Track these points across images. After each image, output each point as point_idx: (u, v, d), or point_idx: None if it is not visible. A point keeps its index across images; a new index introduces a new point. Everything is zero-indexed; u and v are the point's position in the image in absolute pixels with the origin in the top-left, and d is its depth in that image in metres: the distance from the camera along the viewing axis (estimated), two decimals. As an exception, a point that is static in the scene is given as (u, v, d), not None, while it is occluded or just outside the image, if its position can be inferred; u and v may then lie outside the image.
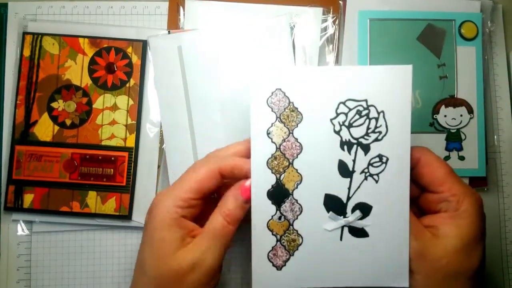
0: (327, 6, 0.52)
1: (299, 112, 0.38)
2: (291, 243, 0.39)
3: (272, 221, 0.39)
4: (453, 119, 0.51)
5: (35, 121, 0.50)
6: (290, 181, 0.39)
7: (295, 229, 0.39)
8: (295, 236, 0.39)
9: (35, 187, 0.50)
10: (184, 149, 0.50)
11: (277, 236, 0.39)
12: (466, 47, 0.51)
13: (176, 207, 0.37)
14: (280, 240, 0.39)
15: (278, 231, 0.39)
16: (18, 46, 0.51)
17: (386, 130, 0.38)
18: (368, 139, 0.38)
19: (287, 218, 0.39)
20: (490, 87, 0.53)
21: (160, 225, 0.37)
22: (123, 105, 0.51)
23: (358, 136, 0.38)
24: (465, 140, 0.51)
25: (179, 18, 0.52)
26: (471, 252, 0.37)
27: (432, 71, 0.51)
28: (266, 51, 0.50)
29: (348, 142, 0.38)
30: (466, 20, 0.51)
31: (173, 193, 0.38)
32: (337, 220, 0.38)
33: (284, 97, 0.38)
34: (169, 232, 0.37)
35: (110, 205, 0.50)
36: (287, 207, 0.39)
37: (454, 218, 0.37)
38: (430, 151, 0.40)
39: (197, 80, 0.50)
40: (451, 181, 0.38)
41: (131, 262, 0.51)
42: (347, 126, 0.38)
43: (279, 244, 0.39)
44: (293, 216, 0.39)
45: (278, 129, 0.38)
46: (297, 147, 0.39)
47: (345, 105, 0.38)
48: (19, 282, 0.50)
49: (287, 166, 0.39)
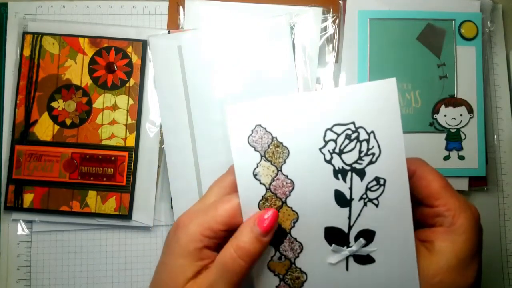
0: (327, 6, 0.52)
1: (284, 146, 0.36)
2: (295, 280, 0.37)
3: (273, 262, 0.37)
4: (453, 119, 0.51)
5: (35, 121, 0.50)
6: (286, 220, 0.36)
7: (298, 266, 0.37)
8: (298, 273, 0.37)
9: (35, 186, 0.50)
10: (184, 149, 0.50)
11: (279, 275, 0.37)
12: (466, 47, 0.51)
13: (203, 236, 0.35)
14: (284, 279, 0.37)
15: (280, 271, 0.37)
16: (18, 45, 0.51)
17: (379, 151, 0.36)
18: (362, 163, 0.36)
19: (287, 257, 0.37)
20: (490, 87, 0.53)
21: (181, 252, 0.35)
22: (123, 105, 0.51)
23: (351, 162, 0.36)
24: (465, 139, 0.51)
25: (179, 17, 0.52)
26: (465, 269, 0.36)
27: (432, 71, 0.51)
28: (266, 51, 0.50)
29: (341, 170, 0.36)
30: (466, 20, 0.51)
31: (202, 220, 0.35)
32: (341, 252, 0.37)
33: (266, 133, 0.36)
34: (187, 261, 0.34)
35: (110, 204, 0.50)
36: (286, 247, 0.37)
37: (449, 233, 0.36)
38: (426, 163, 0.38)
39: (197, 79, 0.50)
40: (447, 195, 0.37)
41: (131, 261, 0.51)
42: (338, 153, 0.36)
43: (283, 284, 0.37)
44: (294, 255, 0.37)
45: (265, 168, 0.36)
46: (288, 184, 0.36)
47: (332, 131, 0.35)
48: (19, 282, 0.50)
49: (281, 206, 0.36)
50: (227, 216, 0.35)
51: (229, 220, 0.35)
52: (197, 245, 0.35)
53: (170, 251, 0.35)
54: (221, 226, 0.35)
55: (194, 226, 0.35)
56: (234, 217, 0.36)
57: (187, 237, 0.35)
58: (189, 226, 0.35)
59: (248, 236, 0.34)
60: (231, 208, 0.36)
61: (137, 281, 0.51)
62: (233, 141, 0.36)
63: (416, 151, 0.50)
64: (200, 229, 0.35)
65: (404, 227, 0.36)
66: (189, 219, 0.36)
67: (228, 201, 0.36)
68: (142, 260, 0.51)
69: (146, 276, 0.51)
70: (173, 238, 0.36)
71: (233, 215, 0.36)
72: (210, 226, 0.35)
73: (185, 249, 0.35)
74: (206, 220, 0.35)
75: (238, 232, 0.35)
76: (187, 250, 0.34)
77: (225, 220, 0.35)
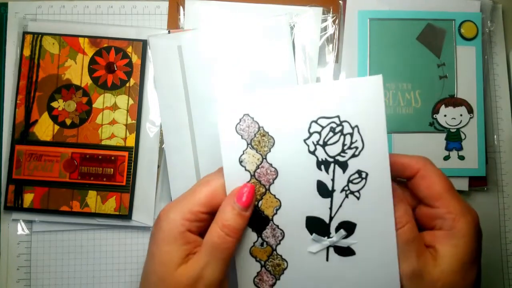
0: (327, 5, 0.52)
1: (270, 136, 0.37)
2: (276, 267, 0.38)
3: (255, 248, 0.38)
4: (453, 119, 0.51)
5: (35, 121, 0.50)
6: (269, 207, 0.38)
7: (279, 254, 0.38)
8: (279, 261, 0.38)
9: (35, 186, 0.50)
10: (184, 149, 0.50)
11: (261, 262, 0.38)
12: (466, 47, 0.51)
13: (184, 219, 0.36)
14: (265, 265, 0.38)
15: (262, 257, 0.38)
16: (18, 45, 0.51)
17: (363, 145, 0.36)
18: (345, 156, 0.37)
19: (269, 244, 0.38)
20: (490, 87, 0.53)
21: (165, 239, 0.36)
22: (123, 105, 0.51)
23: (334, 154, 0.37)
24: (465, 139, 0.51)
25: (179, 17, 0.52)
26: (466, 273, 0.36)
27: (432, 71, 0.51)
28: (266, 51, 0.50)
29: (324, 162, 0.37)
30: (466, 20, 0.52)
31: (182, 205, 0.37)
32: (321, 241, 0.37)
33: (253, 122, 0.37)
34: (173, 247, 0.36)
35: (110, 204, 0.50)
36: (268, 233, 0.38)
37: (449, 237, 0.36)
38: (431, 162, 0.38)
39: (197, 79, 0.50)
40: (449, 197, 0.37)
41: (131, 261, 0.51)
42: (322, 145, 0.37)
43: (264, 270, 0.38)
44: (276, 242, 0.38)
45: (250, 156, 0.37)
46: (272, 172, 0.37)
47: (317, 123, 0.37)
48: (19, 282, 0.50)
49: (264, 193, 0.37)
50: (206, 197, 0.37)
51: (208, 201, 0.37)
52: (180, 229, 0.36)
53: (155, 240, 0.36)
54: (201, 207, 0.36)
55: (174, 213, 0.36)
56: (213, 198, 0.37)
57: (168, 224, 0.36)
58: (169, 214, 0.36)
59: (231, 213, 0.36)
60: (209, 190, 0.37)
61: (137, 281, 0.51)
62: (221, 129, 0.37)
63: (416, 151, 0.50)
64: (181, 215, 0.36)
65: (385, 221, 0.37)
66: (169, 208, 0.37)
67: (205, 184, 0.38)
68: (142, 260, 0.50)
69: (146, 276, 0.51)
70: (156, 228, 0.37)
71: (212, 196, 0.37)
72: (190, 209, 0.36)
73: (169, 236, 0.36)
74: (186, 205, 0.36)
75: (220, 212, 0.36)
76: (171, 236, 0.36)
77: (204, 201, 0.36)
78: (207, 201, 0.37)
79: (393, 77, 0.51)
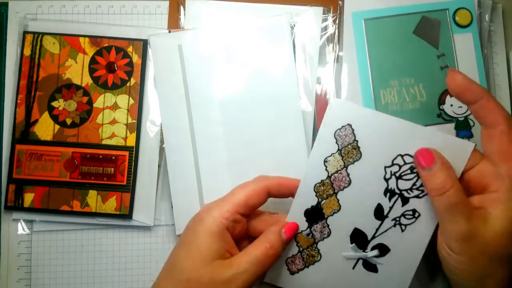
0: (327, 5, 0.52)
1: (359, 151, 0.41)
2: (310, 258, 0.43)
3: (301, 235, 0.43)
4: (459, 107, 0.51)
5: (36, 120, 0.50)
6: (329, 208, 0.42)
7: (318, 247, 0.43)
8: (315, 253, 0.43)
9: (36, 186, 0.50)
10: (184, 148, 0.50)
11: (300, 247, 0.43)
12: (463, 34, 0.51)
13: (223, 218, 0.39)
14: (302, 252, 0.43)
15: (303, 244, 0.43)
16: (19, 45, 0.51)
17: None
18: (410, 194, 0.41)
19: (314, 236, 0.43)
20: (490, 87, 0.53)
21: (207, 231, 0.38)
22: (124, 104, 0.51)
23: (402, 188, 0.41)
24: (474, 126, 0.51)
25: (179, 17, 0.52)
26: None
27: (432, 62, 0.51)
28: (267, 51, 0.50)
29: (391, 191, 0.41)
30: (459, 7, 0.52)
31: (222, 205, 0.40)
32: (357, 252, 0.42)
33: (351, 134, 0.41)
34: (212, 239, 0.38)
35: (110, 204, 0.50)
36: (317, 228, 0.42)
37: (505, 201, 0.36)
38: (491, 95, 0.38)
39: (197, 79, 0.50)
40: None
41: (132, 261, 0.51)
42: (397, 177, 0.41)
43: (299, 255, 0.43)
44: (320, 237, 0.43)
45: (335, 160, 0.41)
46: (346, 181, 0.41)
47: (402, 158, 0.40)
48: (20, 281, 0.50)
49: (331, 195, 0.42)
50: (244, 198, 0.40)
51: (245, 202, 0.40)
52: (220, 226, 0.39)
53: (195, 231, 0.39)
54: (238, 207, 0.40)
55: (214, 210, 0.40)
56: (250, 199, 0.41)
57: (210, 218, 0.39)
58: (211, 211, 0.40)
59: (277, 238, 0.40)
60: (247, 192, 0.41)
61: (137, 280, 0.51)
62: (323, 127, 0.41)
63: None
64: (221, 213, 0.39)
65: (413, 258, 0.42)
66: (210, 206, 0.41)
67: (244, 186, 0.42)
68: (143, 260, 0.51)
69: (146, 276, 0.51)
70: (197, 221, 0.40)
71: (249, 197, 0.41)
72: (229, 209, 0.40)
73: (210, 229, 0.39)
74: (226, 204, 0.40)
75: (268, 233, 0.41)
76: (212, 229, 0.39)
77: (242, 202, 0.40)
78: (245, 202, 0.40)
79: (395, 74, 0.51)
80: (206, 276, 0.37)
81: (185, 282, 0.37)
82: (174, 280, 0.38)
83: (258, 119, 0.49)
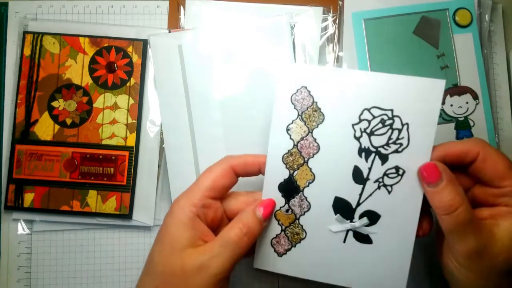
0: (327, 5, 0.52)
1: (321, 112, 0.38)
2: (295, 235, 0.40)
3: (280, 212, 0.40)
4: (459, 107, 0.51)
5: (36, 120, 0.50)
6: (303, 179, 0.39)
7: (301, 223, 0.40)
8: (299, 230, 0.40)
9: (36, 186, 0.50)
10: (184, 148, 0.50)
11: (282, 226, 0.40)
12: (463, 35, 0.52)
13: (192, 205, 0.38)
14: (285, 230, 0.40)
15: (284, 222, 0.40)
16: (19, 45, 0.51)
17: (408, 143, 0.37)
18: (387, 150, 0.38)
19: (294, 212, 0.40)
20: (490, 87, 0.53)
21: (175, 222, 0.38)
22: (124, 104, 0.51)
23: (377, 145, 0.38)
24: (474, 126, 0.51)
25: (179, 17, 0.52)
26: None
27: (432, 62, 0.51)
28: (267, 51, 0.50)
29: (366, 150, 0.38)
30: (459, 7, 0.52)
31: (188, 193, 0.39)
32: (344, 223, 0.39)
33: (308, 96, 0.38)
34: (181, 230, 0.37)
35: (110, 204, 0.50)
36: (295, 202, 0.40)
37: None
38: (488, 144, 0.38)
39: (197, 79, 0.50)
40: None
41: (131, 261, 0.51)
42: (368, 133, 0.38)
43: (283, 234, 0.40)
44: (300, 212, 0.40)
45: (298, 126, 0.39)
46: (314, 147, 0.39)
47: (369, 112, 0.38)
48: (20, 281, 0.50)
49: (302, 164, 0.39)
50: (211, 182, 0.39)
51: (212, 185, 0.39)
52: (189, 215, 0.38)
53: (165, 225, 0.38)
54: (206, 191, 0.39)
55: (182, 200, 0.39)
56: (215, 181, 0.39)
57: (179, 210, 0.38)
58: (179, 201, 0.39)
59: (253, 218, 0.38)
60: (212, 175, 0.39)
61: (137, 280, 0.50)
62: (277, 95, 0.39)
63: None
64: (189, 201, 0.38)
65: (409, 221, 0.38)
66: (179, 197, 0.39)
67: (208, 171, 0.40)
68: (143, 260, 0.51)
69: (146, 276, 0.51)
70: (167, 215, 0.39)
71: (214, 180, 0.39)
72: (196, 195, 0.38)
73: (179, 219, 0.38)
74: (193, 191, 0.39)
75: (242, 214, 0.39)
76: (181, 220, 0.38)
77: (209, 185, 0.39)
78: (212, 185, 0.39)
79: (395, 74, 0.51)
80: (177, 266, 0.36)
81: (160, 275, 0.37)
82: (152, 275, 0.37)
83: (258, 119, 0.49)
